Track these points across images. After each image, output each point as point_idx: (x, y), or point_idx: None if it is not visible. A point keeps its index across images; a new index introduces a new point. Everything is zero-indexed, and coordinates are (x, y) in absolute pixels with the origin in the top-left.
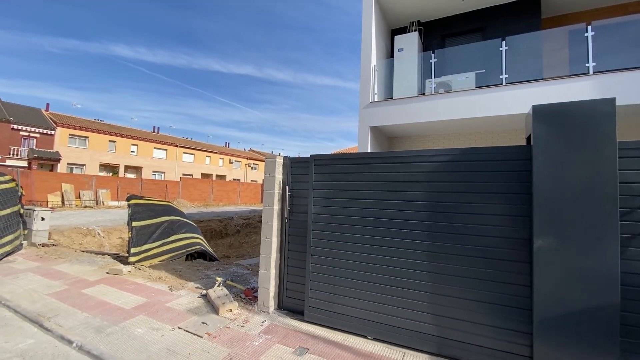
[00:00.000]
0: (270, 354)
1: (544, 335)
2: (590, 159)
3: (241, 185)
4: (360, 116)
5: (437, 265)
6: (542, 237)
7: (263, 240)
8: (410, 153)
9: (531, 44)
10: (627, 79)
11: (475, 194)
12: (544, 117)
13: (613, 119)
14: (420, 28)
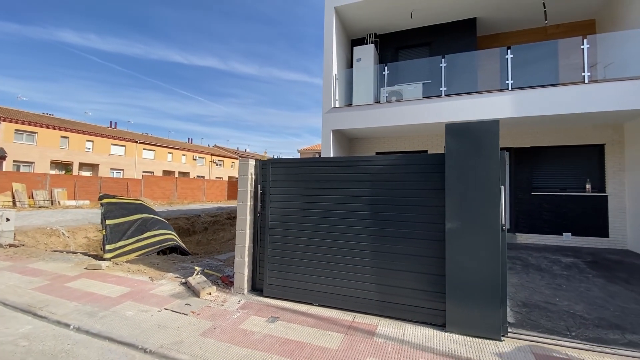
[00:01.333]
0: (248, 322)
1: (452, 294)
2: (483, 162)
3: (206, 183)
4: (324, 120)
5: (378, 245)
6: (451, 221)
7: (238, 232)
8: (352, 158)
9: (467, 61)
10: (535, 94)
11: (405, 190)
12: (453, 133)
13: (497, 134)
14: (376, 40)
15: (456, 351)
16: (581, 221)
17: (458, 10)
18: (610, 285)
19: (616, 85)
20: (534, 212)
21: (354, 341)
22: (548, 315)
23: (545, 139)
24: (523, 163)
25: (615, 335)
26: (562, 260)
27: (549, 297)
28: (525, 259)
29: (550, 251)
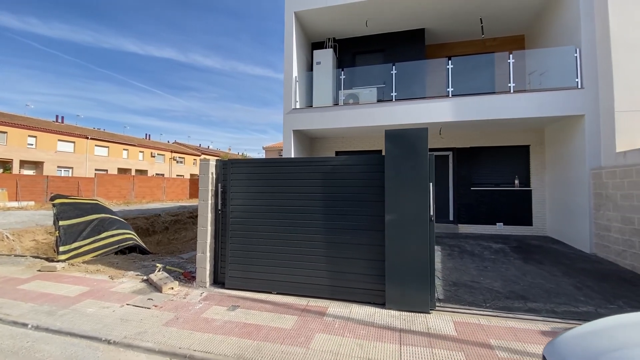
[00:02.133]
0: (210, 311)
1: (390, 276)
2: (415, 163)
3: (166, 181)
4: (285, 120)
5: (330, 237)
6: (390, 214)
7: (200, 229)
8: (307, 159)
9: (416, 69)
10: (471, 101)
11: (353, 187)
12: (390, 138)
13: (426, 140)
14: (335, 44)
15: (392, 324)
16: (511, 212)
17: (408, 21)
18: (525, 266)
19: (536, 95)
20: (473, 205)
21: (306, 321)
22: (472, 291)
23: (482, 140)
24: (464, 162)
25: (520, 304)
26: (492, 247)
27: (475, 277)
28: (463, 246)
29: (485, 239)
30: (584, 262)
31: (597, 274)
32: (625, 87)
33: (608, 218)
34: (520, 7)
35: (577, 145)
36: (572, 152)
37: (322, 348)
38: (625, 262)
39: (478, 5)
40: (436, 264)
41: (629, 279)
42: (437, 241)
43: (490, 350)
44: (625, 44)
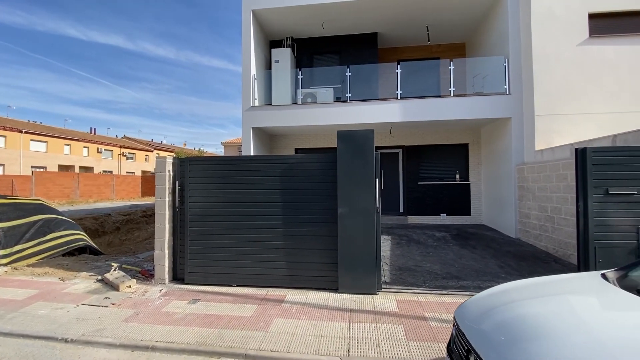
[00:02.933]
0: (170, 306)
1: (342, 264)
2: (363, 161)
3: (116, 178)
4: (243, 117)
5: (288, 229)
6: (342, 207)
7: (157, 226)
8: (265, 157)
9: (369, 71)
10: (418, 103)
11: (309, 183)
12: (341, 138)
13: (372, 140)
14: (293, 43)
15: (343, 305)
16: (453, 204)
17: (362, 25)
18: (462, 250)
19: (472, 99)
20: (420, 198)
21: (265, 308)
22: (414, 274)
23: (428, 139)
24: (412, 159)
25: (453, 282)
26: (436, 235)
27: (418, 262)
28: (411, 235)
29: (430, 228)
30: (509, 245)
31: (518, 255)
32: (543, 95)
33: (529, 207)
34: (460, 19)
35: (505, 144)
36: (501, 150)
37: (280, 330)
38: (541, 244)
39: (424, 14)
40: (386, 252)
41: (543, 257)
42: (388, 231)
43: (424, 321)
44: (544, 58)
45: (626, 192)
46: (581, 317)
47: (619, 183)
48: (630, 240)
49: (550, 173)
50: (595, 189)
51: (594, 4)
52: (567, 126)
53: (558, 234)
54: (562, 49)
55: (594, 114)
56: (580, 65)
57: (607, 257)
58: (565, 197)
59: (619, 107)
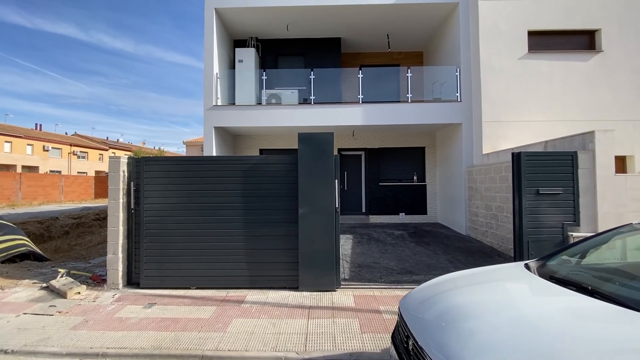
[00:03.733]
0: (124, 311)
1: (303, 263)
2: (323, 163)
3: (65, 179)
4: (205, 117)
5: (249, 230)
6: (302, 207)
7: (110, 229)
8: (225, 158)
9: (333, 75)
10: (378, 108)
11: (270, 184)
12: (302, 140)
13: (332, 143)
14: (258, 44)
15: (303, 303)
16: (411, 203)
17: (326, 29)
18: (417, 247)
19: (428, 105)
20: (381, 198)
21: (224, 310)
22: (372, 270)
23: (389, 142)
24: (374, 160)
25: (407, 277)
26: (394, 233)
27: (377, 259)
28: (371, 234)
29: (390, 227)
30: (460, 242)
31: (467, 250)
32: (490, 103)
33: (477, 206)
34: (418, 28)
35: (457, 148)
36: (454, 153)
37: (239, 330)
38: (487, 240)
39: (384, 23)
40: (347, 250)
41: (488, 252)
42: (351, 231)
43: (379, 314)
44: (490, 69)
45: (553, 192)
46: (505, 300)
47: (548, 184)
48: (556, 234)
49: (494, 175)
50: (528, 189)
51: (532, 22)
52: (510, 132)
53: (501, 231)
54: (505, 62)
55: (532, 122)
56: (520, 77)
57: (538, 249)
58: (507, 197)
59: (552, 116)
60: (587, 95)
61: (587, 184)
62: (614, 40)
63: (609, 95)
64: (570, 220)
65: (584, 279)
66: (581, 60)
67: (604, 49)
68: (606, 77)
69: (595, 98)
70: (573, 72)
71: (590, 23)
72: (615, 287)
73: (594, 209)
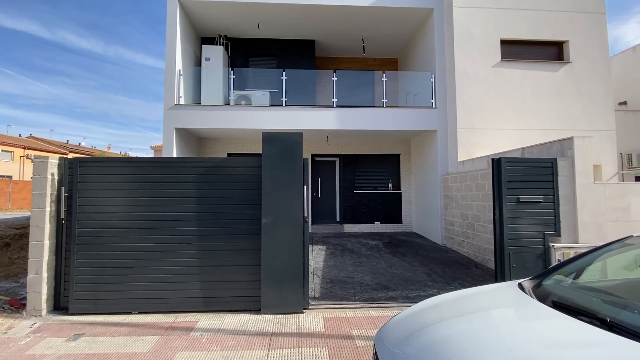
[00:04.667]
0: (40, 346)
1: (266, 281)
2: (290, 166)
3: (13, 184)
4: (165, 117)
5: (204, 244)
6: (266, 216)
7: (33, 244)
8: (175, 159)
9: (307, 77)
10: (353, 112)
11: (230, 190)
12: (267, 140)
13: (301, 144)
14: (227, 42)
15: (264, 329)
16: (386, 212)
17: (299, 31)
18: (393, 258)
19: (403, 111)
20: (356, 206)
21: (169, 340)
22: (345, 286)
23: (363, 148)
24: (348, 167)
25: (382, 293)
26: (369, 243)
27: (350, 273)
28: (345, 244)
29: (364, 237)
30: (436, 252)
31: (443, 261)
32: (464, 109)
33: (453, 215)
34: (393, 33)
35: (432, 155)
36: (429, 160)
37: None
38: (463, 250)
39: (359, 27)
40: (318, 263)
41: (465, 263)
42: (324, 241)
43: (351, 341)
44: (465, 76)
45: (534, 201)
46: (502, 335)
47: (528, 192)
48: (537, 245)
49: (470, 182)
50: (508, 197)
51: (504, 31)
52: (484, 139)
53: (478, 240)
54: (479, 69)
55: (505, 130)
56: (494, 85)
57: (519, 261)
58: (483, 205)
59: (524, 124)
60: (557, 105)
61: (566, 192)
62: (580, 52)
63: (578, 105)
64: (551, 230)
65: (596, 306)
66: (551, 71)
67: (572, 60)
68: (574, 87)
69: (565, 108)
70: (544, 82)
71: (558, 34)
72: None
73: (574, 218)
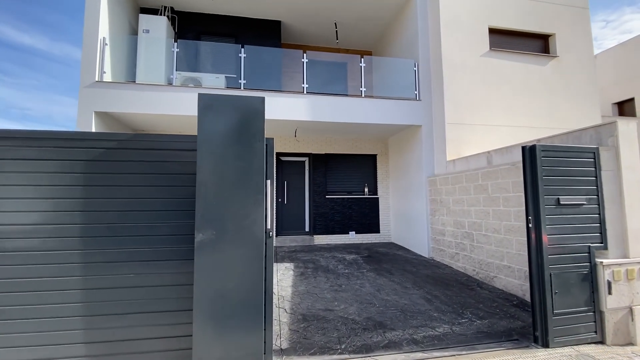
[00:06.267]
0: None
1: (201, 330)
2: (245, 149)
3: None
4: (81, 97)
5: (100, 276)
6: (203, 230)
7: None
8: (43, 132)
9: (271, 59)
10: (326, 101)
11: (147, 188)
12: (208, 106)
13: (262, 113)
14: (174, 16)
15: None
16: (362, 220)
17: (262, 8)
18: (378, 278)
19: (383, 102)
20: (328, 214)
21: None
22: (324, 326)
23: (337, 147)
24: (319, 168)
25: (378, 336)
26: (346, 258)
27: (329, 302)
28: (318, 261)
29: (339, 250)
30: (425, 267)
31: (439, 281)
32: (453, 102)
33: (443, 223)
34: (369, 19)
35: (415, 155)
36: (411, 161)
37: None
38: (458, 265)
39: (330, 7)
40: (285, 289)
41: (465, 282)
42: (291, 257)
43: None
44: (452, 65)
45: (576, 202)
46: None
47: (567, 192)
48: (583, 262)
49: (467, 184)
50: (546, 198)
51: (492, 18)
52: (474, 136)
53: (478, 253)
54: (468, 57)
55: (495, 126)
56: (483, 76)
57: (563, 285)
58: (485, 211)
59: (515, 121)
60: (547, 101)
61: (611, 191)
62: (567, 47)
63: (567, 103)
64: (597, 241)
65: None
66: (539, 64)
67: (559, 54)
68: (563, 83)
69: (554, 106)
70: (533, 77)
71: (545, 27)
72: None
73: (622, 225)
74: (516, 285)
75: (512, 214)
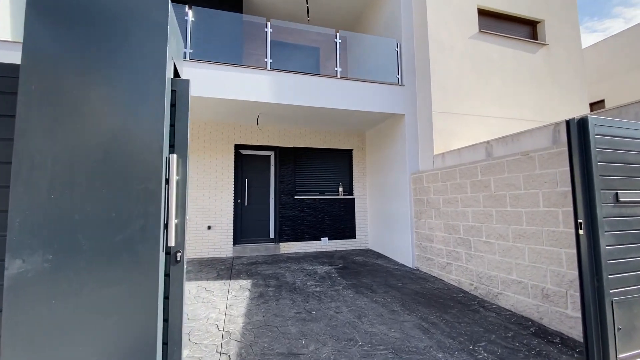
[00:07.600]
0: None
1: None
2: (135, 86)
3: None
4: None
5: None
6: (23, 252)
7: None
8: None
9: (229, 28)
10: (293, 80)
11: None
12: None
13: (166, 11)
14: None
15: None
16: (336, 224)
17: None
18: (358, 299)
19: (361, 85)
20: (297, 217)
21: None
22: None
23: (308, 140)
24: (287, 165)
25: None
26: (318, 271)
27: (294, 342)
28: (283, 275)
29: (309, 260)
30: (413, 282)
31: (432, 299)
32: (440, 88)
33: (430, 227)
34: None
35: (397, 149)
36: (392, 156)
37: None
38: (451, 277)
39: None
40: (236, 318)
41: (464, 301)
42: (249, 271)
43: None
44: (440, 46)
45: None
46: None
47: (628, 184)
48: None
49: (462, 180)
50: (603, 192)
51: None
52: (463, 128)
53: (477, 264)
54: (456, 39)
55: (485, 117)
56: (472, 60)
57: (627, 318)
58: (487, 213)
59: (506, 112)
60: (537, 92)
61: None
62: (556, 35)
63: (556, 96)
64: None
65: None
66: (529, 52)
67: (548, 42)
68: (552, 73)
69: (543, 97)
70: (523, 65)
71: (534, 12)
72: None
73: None
74: (530, 306)
75: (523, 216)
